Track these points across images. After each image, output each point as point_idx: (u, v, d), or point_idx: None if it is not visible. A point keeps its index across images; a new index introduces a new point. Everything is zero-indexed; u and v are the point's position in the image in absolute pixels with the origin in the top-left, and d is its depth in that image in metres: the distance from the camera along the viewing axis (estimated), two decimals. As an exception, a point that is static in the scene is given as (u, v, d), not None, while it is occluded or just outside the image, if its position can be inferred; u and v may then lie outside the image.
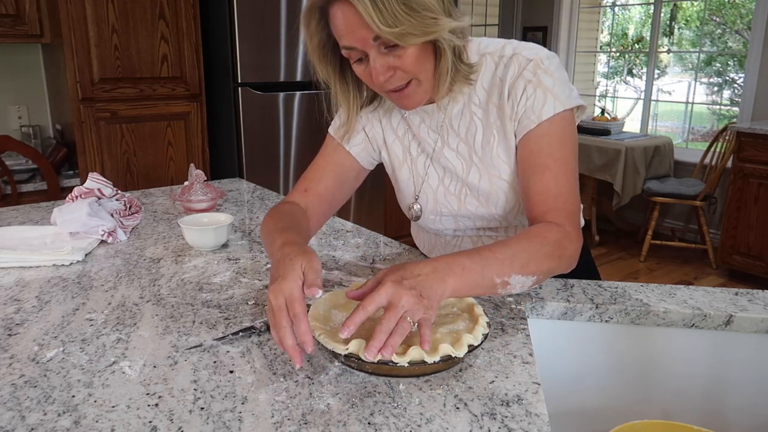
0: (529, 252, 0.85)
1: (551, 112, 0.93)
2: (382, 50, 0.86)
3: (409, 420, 0.67)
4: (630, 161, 3.94)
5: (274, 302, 0.74)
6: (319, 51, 0.94)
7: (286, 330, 0.73)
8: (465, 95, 1.00)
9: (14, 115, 2.96)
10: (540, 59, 0.95)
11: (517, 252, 0.84)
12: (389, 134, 1.11)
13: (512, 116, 0.97)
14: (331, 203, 1.12)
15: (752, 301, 0.97)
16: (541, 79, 0.94)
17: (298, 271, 0.77)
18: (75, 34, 2.54)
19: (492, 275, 0.81)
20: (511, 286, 0.84)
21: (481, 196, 1.04)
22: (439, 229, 1.12)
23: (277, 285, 0.75)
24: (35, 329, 0.89)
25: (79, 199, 1.39)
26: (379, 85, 0.90)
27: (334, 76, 0.99)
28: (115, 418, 0.67)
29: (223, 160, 3.09)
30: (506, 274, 0.82)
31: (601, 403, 0.99)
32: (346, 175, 1.13)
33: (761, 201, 3.41)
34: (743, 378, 0.94)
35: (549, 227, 0.89)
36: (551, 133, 0.94)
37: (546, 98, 0.93)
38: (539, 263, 0.85)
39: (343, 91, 1.01)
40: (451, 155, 1.04)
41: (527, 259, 0.84)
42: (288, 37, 2.92)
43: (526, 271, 0.84)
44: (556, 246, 0.87)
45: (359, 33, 0.84)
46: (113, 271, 1.14)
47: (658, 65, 4.71)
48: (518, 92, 0.95)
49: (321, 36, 0.92)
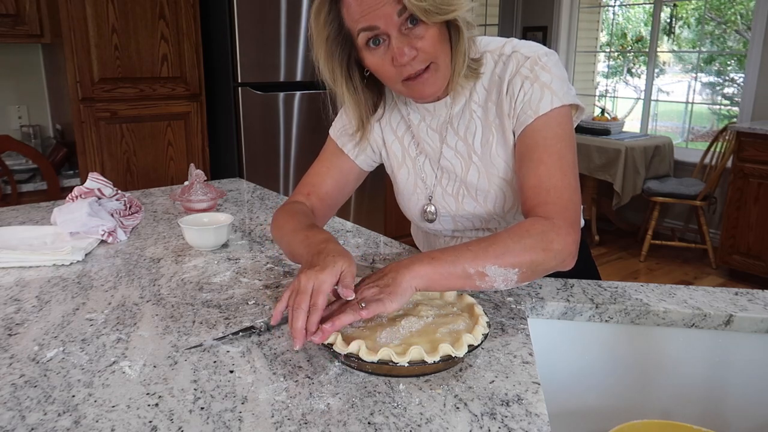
0: (505, 243, 0.84)
1: (548, 107, 0.93)
2: (404, 30, 0.86)
3: (409, 420, 0.67)
4: (630, 161, 3.94)
5: (303, 285, 0.78)
6: (327, 46, 0.93)
7: (302, 312, 0.76)
8: (467, 93, 1.01)
9: (14, 115, 2.96)
10: (538, 56, 0.95)
11: (492, 243, 0.84)
12: (389, 135, 1.11)
13: (510, 113, 0.97)
14: (332, 206, 1.14)
15: (752, 301, 0.97)
16: (539, 75, 0.94)
17: (337, 269, 0.80)
18: (75, 34, 2.54)
19: (464, 265, 0.82)
20: (491, 279, 0.83)
21: (479, 196, 1.04)
22: (438, 229, 1.13)
23: (313, 272, 0.78)
24: (35, 329, 0.89)
25: (79, 199, 1.39)
26: (400, 67, 0.89)
27: (341, 77, 0.96)
28: (115, 418, 0.67)
29: (223, 160, 3.09)
30: (479, 265, 0.82)
31: (601, 403, 0.99)
32: (346, 179, 1.14)
33: (761, 201, 3.41)
34: (743, 378, 0.94)
35: (534, 221, 0.88)
36: (547, 127, 0.94)
37: (543, 93, 0.94)
38: (517, 255, 0.84)
39: (350, 93, 0.99)
40: (450, 154, 1.04)
41: (503, 250, 0.83)
42: (288, 37, 2.92)
43: (503, 262, 0.83)
44: (540, 239, 0.85)
45: (383, 9, 0.84)
46: (113, 271, 1.14)
47: (658, 65, 4.71)
48: (516, 89, 0.95)
49: (330, 29, 0.91)
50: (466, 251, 0.83)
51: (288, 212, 1.05)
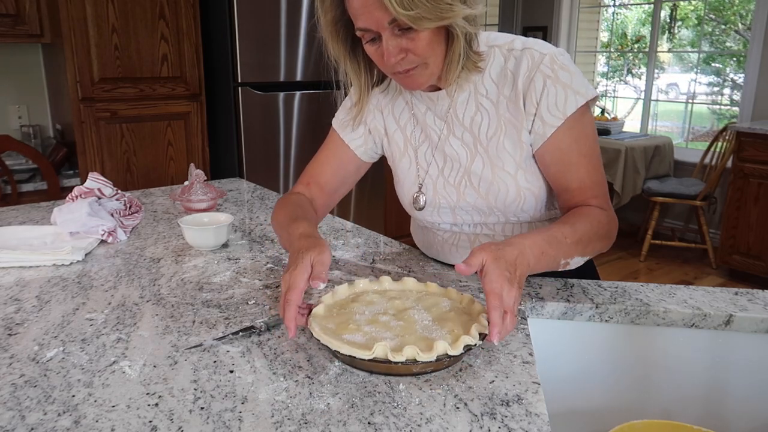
0: (590, 235, 0.93)
1: (573, 108, 0.96)
2: (396, 32, 0.88)
3: (409, 420, 0.67)
4: (630, 161, 3.94)
5: (282, 288, 0.83)
6: (332, 27, 0.96)
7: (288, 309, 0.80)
8: (471, 84, 1.01)
9: (14, 115, 2.96)
10: (554, 54, 0.96)
11: (583, 236, 0.92)
12: (391, 123, 1.12)
13: (530, 110, 0.98)
14: (332, 196, 1.17)
15: (752, 301, 0.97)
16: (559, 75, 0.95)
17: (306, 264, 0.83)
18: (75, 34, 2.54)
19: (561, 258, 0.90)
20: (570, 265, 0.92)
21: (481, 187, 1.04)
22: (437, 221, 1.12)
23: (288, 274, 0.83)
24: (35, 329, 0.89)
25: (79, 199, 1.39)
26: (390, 66, 0.92)
27: (345, 54, 1.00)
28: (115, 417, 0.67)
29: (223, 160, 3.09)
30: (571, 256, 0.92)
31: (601, 403, 0.99)
32: (347, 169, 1.16)
33: (761, 201, 3.41)
34: (743, 378, 0.94)
35: (601, 213, 0.97)
36: (577, 127, 0.97)
37: (567, 94, 0.95)
38: (595, 246, 0.95)
39: (354, 70, 1.03)
40: (456, 143, 1.05)
41: (589, 241, 0.93)
42: (288, 37, 2.92)
43: (587, 252, 0.94)
44: (608, 229, 0.97)
45: (375, 14, 0.86)
46: (113, 271, 1.14)
47: (658, 65, 4.71)
48: (537, 87, 0.96)
49: (335, 13, 0.94)
50: (565, 244, 0.90)
51: (283, 204, 1.10)
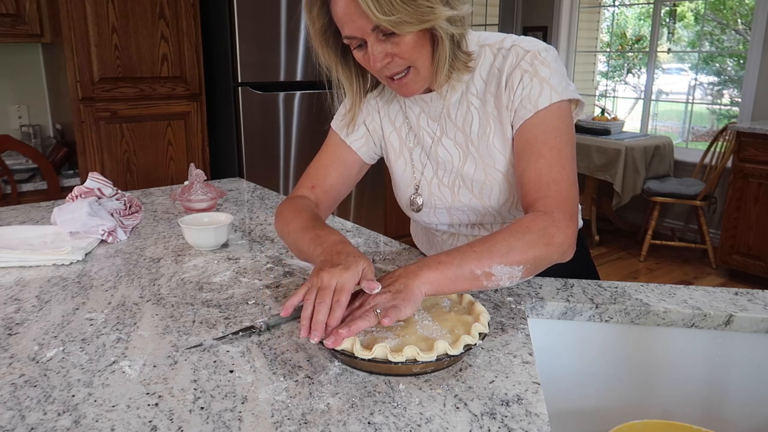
0: (509, 242, 0.85)
1: (547, 102, 0.94)
2: (380, 37, 0.88)
3: (409, 420, 0.67)
4: (630, 161, 3.94)
5: (326, 282, 0.79)
6: (321, 36, 0.96)
7: (325, 306, 0.77)
8: (463, 84, 1.01)
9: (14, 115, 2.96)
10: (537, 51, 0.96)
11: (496, 243, 0.85)
12: (387, 125, 1.12)
13: (508, 106, 0.98)
14: (335, 198, 1.16)
15: (752, 301, 0.97)
16: (538, 70, 0.95)
17: (359, 268, 0.81)
18: (75, 34, 2.54)
19: (471, 267, 0.83)
20: (497, 278, 0.84)
21: (474, 188, 1.04)
22: (434, 222, 1.13)
23: (337, 270, 0.80)
24: (35, 329, 0.89)
25: (79, 199, 1.39)
26: (377, 71, 0.93)
27: (336, 61, 1.00)
28: (115, 417, 0.67)
29: (223, 159, 3.09)
30: (486, 265, 0.83)
31: (601, 403, 0.99)
32: (348, 171, 1.16)
33: (761, 201, 3.41)
34: (743, 378, 0.94)
35: (534, 216, 0.90)
36: (546, 122, 0.95)
37: (542, 88, 0.94)
38: (522, 252, 0.85)
39: (346, 77, 1.03)
40: (448, 144, 1.05)
41: (507, 248, 0.85)
42: (288, 37, 2.92)
43: (508, 260, 0.84)
44: (542, 234, 0.87)
45: (358, 22, 0.87)
46: (113, 271, 1.14)
47: (658, 65, 4.71)
48: (515, 82, 0.96)
49: (323, 22, 0.94)
50: (471, 252, 0.84)
51: (294, 208, 1.07)
